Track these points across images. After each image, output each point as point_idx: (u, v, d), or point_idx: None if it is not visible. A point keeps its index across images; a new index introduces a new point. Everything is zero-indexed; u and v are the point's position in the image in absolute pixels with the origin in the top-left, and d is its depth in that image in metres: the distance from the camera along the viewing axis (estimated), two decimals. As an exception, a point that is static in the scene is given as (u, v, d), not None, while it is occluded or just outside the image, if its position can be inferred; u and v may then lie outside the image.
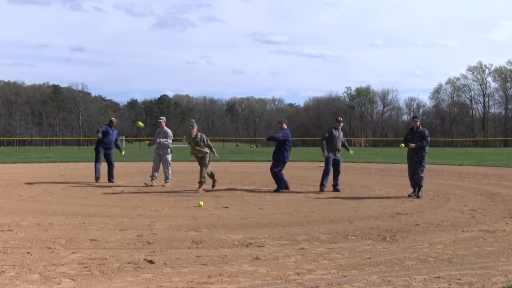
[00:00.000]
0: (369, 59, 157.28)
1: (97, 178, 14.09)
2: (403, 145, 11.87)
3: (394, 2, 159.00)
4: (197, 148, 12.41)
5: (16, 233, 7.17)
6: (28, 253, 5.92)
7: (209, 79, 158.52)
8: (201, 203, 9.94)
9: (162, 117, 14.19)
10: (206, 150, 12.43)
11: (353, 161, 26.03)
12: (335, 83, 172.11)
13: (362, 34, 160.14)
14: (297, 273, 5.16)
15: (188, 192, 12.28)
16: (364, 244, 6.58)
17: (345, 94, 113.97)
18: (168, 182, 13.72)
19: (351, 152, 13.57)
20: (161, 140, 13.66)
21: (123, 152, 15.67)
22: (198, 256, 5.84)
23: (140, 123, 17.40)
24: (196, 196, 11.47)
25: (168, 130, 13.78)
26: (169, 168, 13.79)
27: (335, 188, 12.61)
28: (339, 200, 11.04)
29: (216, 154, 12.60)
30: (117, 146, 15.11)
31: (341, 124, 12.84)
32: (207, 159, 12.46)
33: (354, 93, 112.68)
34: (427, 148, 11.47)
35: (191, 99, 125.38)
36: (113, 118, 15.08)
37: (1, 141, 61.09)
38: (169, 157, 13.79)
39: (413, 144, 11.29)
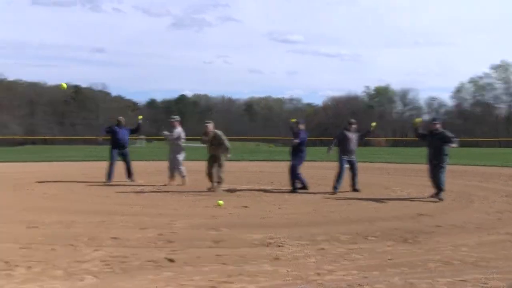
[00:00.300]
0: (387, 58, 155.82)
1: (107, 180, 14.05)
2: (418, 120, 12.08)
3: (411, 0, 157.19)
4: (213, 146, 12.36)
5: (41, 229, 7.28)
6: (52, 249, 6.02)
7: (226, 79, 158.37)
8: (221, 202, 9.97)
9: (173, 117, 14.19)
10: (222, 148, 12.33)
11: (372, 161, 25.87)
12: (353, 82, 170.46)
13: (379, 33, 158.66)
14: (318, 273, 5.15)
15: (207, 191, 12.27)
16: (384, 245, 6.53)
17: (364, 93, 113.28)
18: (185, 178, 13.69)
19: (373, 124, 13.41)
20: (165, 133, 13.84)
21: (140, 117, 15.58)
22: (218, 255, 5.87)
23: (63, 85, 16.29)
24: (215, 195, 11.48)
25: (177, 130, 13.75)
26: (181, 166, 13.74)
27: (354, 188, 12.54)
28: (359, 201, 10.98)
29: (228, 155, 12.53)
30: (137, 128, 15.03)
31: (354, 125, 12.74)
32: (223, 158, 12.40)
33: (373, 92, 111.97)
34: (448, 151, 11.27)
35: (210, 98, 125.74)
36: (120, 117, 15.13)
37: (25, 140, 61.87)
38: (180, 156, 13.75)
39: (454, 144, 11.09)
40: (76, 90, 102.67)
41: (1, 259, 5.52)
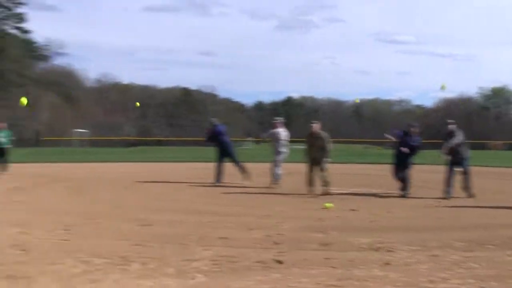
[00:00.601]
0: (504, 57, 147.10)
1: (216, 181, 14.26)
2: None
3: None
4: (314, 148, 12.16)
5: (153, 228, 7.57)
6: (164, 247, 6.23)
7: (333, 80, 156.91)
8: (328, 205, 9.86)
9: (276, 118, 14.32)
10: (324, 151, 12.11)
11: (489, 165, 24.52)
12: (466, 83, 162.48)
13: (495, 32, 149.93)
14: (430, 280, 4.93)
15: (314, 193, 12.16)
16: (504, 255, 6.12)
17: (478, 94, 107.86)
18: (277, 179, 13.65)
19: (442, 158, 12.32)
20: (265, 135, 14.20)
21: (138, 104, 15.61)
22: (326, 258, 5.79)
23: (23, 100, 14.55)
24: (322, 198, 11.38)
25: (275, 130, 13.82)
26: (277, 168, 13.71)
27: (467, 192, 11.89)
28: (473, 206, 10.42)
29: (328, 158, 12.26)
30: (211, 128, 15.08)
31: (451, 126, 12.10)
32: (324, 161, 12.17)
33: (489, 93, 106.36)
34: None
35: (316, 100, 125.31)
36: (213, 118, 15.58)
37: (138, 141, 65.05)
38: (278, 157, 13.74)
39: None
40: (185, 92, 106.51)
41: (117, 254, 5.80)
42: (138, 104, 15.36)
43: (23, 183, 13.94)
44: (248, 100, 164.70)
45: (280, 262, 5.59)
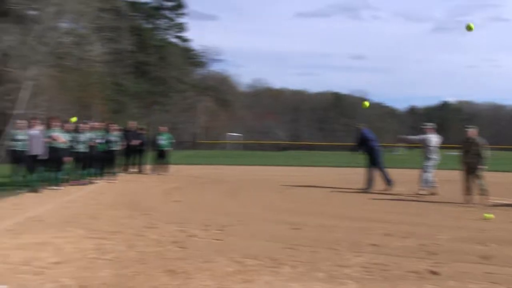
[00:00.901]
0: None
1: (367, 187, 13.94)
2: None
3: None
4: (469, 155, 11.42)
5: (304, 231, 7.62)
6: (315, 251, 6.24)
7: (494, 84, 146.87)
8: (489, 215, 9.23)
9: (427, 123, 13.76)
10: (479, 158, 11.29)
11: None
12: None
13: None
14: None
15: (472, 203, 11.44)
16: None
17: None
18: (427, 186, 12.99)
19: None
20: (414, 139, 14.02)
21: (74, 119, 14.74)
22: (487, 272, 5.41)
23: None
24: (481, 208, 10.65)
25: (425, 136, 13.24)
26: (425, 175, 13.04)
27: None
28: None
29: (484, 165, 11.42)
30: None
31: None
32: (480, 168, 11.33)
33: None
34: None
35: (475, 105, 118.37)
36: (360, 124, 15.24)
37: (289, 145, 66.16)
38: (429, 163, 13.09)
39: None
40: (336, 97, 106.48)
41: (268, 256, 5.91)
42: (74, 119, 15.21)
43: (181, 184, 14.82)
44: (400, 104, 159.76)
45: (435, 273, 5.33)
